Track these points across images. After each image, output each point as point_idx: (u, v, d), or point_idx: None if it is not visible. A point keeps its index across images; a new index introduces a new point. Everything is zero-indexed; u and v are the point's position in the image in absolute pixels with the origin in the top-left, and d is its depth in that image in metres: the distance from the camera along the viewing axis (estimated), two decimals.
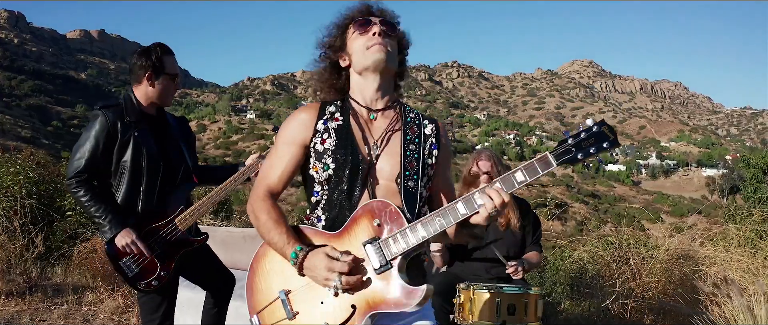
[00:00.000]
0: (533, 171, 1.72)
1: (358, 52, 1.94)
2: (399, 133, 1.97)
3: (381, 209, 1.81)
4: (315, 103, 2.01)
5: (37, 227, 6.02)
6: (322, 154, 1.91)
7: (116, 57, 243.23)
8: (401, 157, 1.92)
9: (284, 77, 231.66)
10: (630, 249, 5.75)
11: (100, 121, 2.84)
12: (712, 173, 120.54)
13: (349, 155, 1.89)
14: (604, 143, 1.66)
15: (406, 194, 1.89)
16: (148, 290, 2.92)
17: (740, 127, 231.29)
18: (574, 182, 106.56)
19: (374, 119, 1.98)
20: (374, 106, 1.99)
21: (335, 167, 1.89)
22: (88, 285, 5.47)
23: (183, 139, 3.13)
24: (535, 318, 3.11)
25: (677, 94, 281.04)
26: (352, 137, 1.92)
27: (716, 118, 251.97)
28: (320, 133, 1.93)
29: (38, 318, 4.74)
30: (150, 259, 2.87)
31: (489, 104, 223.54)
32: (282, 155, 1.95)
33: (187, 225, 2.96)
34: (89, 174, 2.85)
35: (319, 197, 1.93)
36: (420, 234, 1.76)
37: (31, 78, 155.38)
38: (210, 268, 3.32)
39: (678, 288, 5.31)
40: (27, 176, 6.49)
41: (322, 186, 1.92)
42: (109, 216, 2.80)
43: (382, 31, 1.93)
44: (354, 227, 1.83)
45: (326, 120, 1.95)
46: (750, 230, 5.78)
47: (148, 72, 2.92)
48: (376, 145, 1.93)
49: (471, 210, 1.76)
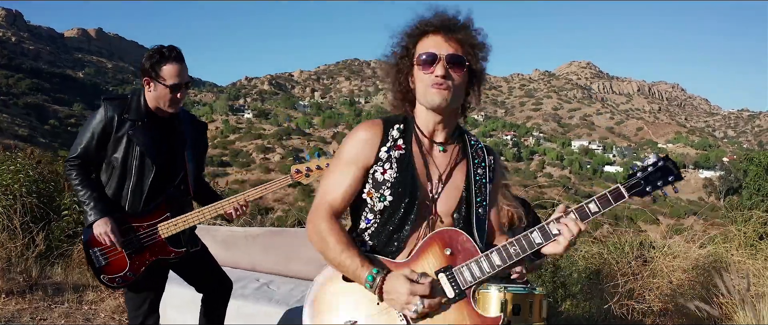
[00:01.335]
0: (606, 202, 1.81)
1: (421, 88, 1.85)
2: (463, 165, 1.93)
3: (453, 238, 1.80)
4: (378, 123, 1.92)
5: (38, 225, 6.00)
6: (381, 184, 1.85)
7: (114, 56, 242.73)
8: (464, 190, 1.90)
9: (282, 77, 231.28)
10: (632, 250, 5.76)
11: (100, 112, 2.90)
12: (710, 174, 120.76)
13: (409, 189, 1.84)
14: (670, 177, 1.80)
15: (477, 221, 1.88)
16: (111, 286, 2.94)
17: (737, 130, 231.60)
18: (571, 183, 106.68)
19: (438, 153, 1.92)
20: (436, 138, 1.92)
21: (393, 199, 1.84)
22: (88, 284, 5.46)
23: (192, 147, 3.09)
24: (539, 318, 3.11)
25: (675, 96, 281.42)
26: (414, 170, 1.87)
27: (713, 120, 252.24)
28: (382, 162, 1.86)
29: (39, 317, 4.73)
30: (120, 255, 2.87)
31: (486, 105, 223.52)
32: (345, 175, 1.87)
33: (169, 234, 2.92)
34: (82, 161, 2.91)
35: (369, 225, 1.89)
36: (495, 263, 1.77)
37: (28, 76, 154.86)
38: (205, 270, 3.30)
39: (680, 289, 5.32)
40: (27, 175, 6.47)
41: (375, 215, 1.87)
42: (92, 203, 2.83)
43: (446, 70, 1.80)
44: (424, 255, 1.80)
45: (389, 148, 1.87)
46: (751, 231, 5.79)
47: (145, 76, 2.92)
48: (440, 181, 1.89)
49: (546, 239, 1.78)
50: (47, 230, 6.10)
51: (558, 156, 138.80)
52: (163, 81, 2.87)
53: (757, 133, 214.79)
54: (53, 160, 8.10)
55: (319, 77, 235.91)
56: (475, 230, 1.87)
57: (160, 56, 2.89)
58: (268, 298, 4.12)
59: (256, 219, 8.40)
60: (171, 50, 2.90)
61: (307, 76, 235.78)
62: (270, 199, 72.15)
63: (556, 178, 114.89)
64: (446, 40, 1.83)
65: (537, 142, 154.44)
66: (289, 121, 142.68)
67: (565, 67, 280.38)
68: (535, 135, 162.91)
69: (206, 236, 4.51)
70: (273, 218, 9.63)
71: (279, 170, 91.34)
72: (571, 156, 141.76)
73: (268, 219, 9.19)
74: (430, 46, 1.82)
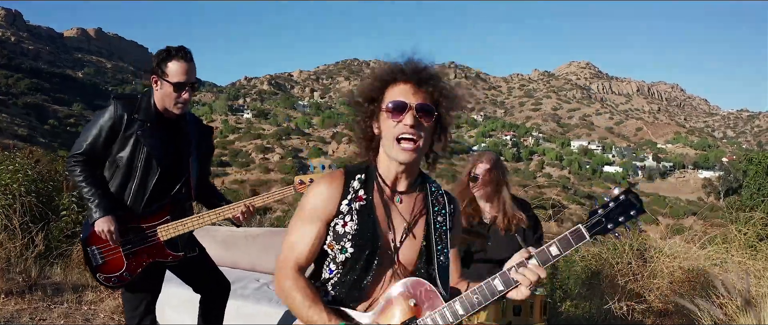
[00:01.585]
0: (567, 244, 1.77)
1: (387, 137, 1.84)
2: (424, 214, 1.95)
3: (416, 288, 1.81)
4: (339, 175, 1.92)
5: (37, 225, 5.99)
6: (342, 237, 1.86)
7: (113, 56, 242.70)
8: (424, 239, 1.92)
9: (281, 77, 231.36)
10: (632, 248, 5.76)
11: (109, 110, 2.88)
12: (709, 175, 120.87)
13: (370, 240, 1.85)
14: (632, 212, 1.76)
15: (440, 269, 1.90)
16: (106, 285, 2.94)
17: (737, 130, 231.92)
18: (570, 184, 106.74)
19: (399, 202, 1.93)
20: (398, 187, 1.93)
21: (354, 251, 1.85)
22: (87, 284, 5.44)
23: (197, 150, 3.09)
24: (539, 319, 3.12)
25: (674, 96, 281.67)
26: (375, 220, 1.88)
27: (713, 121, 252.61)
28: (343, 214, 1.87)
29: (38, 317, 4.72)
30: (117, 255, 2.87)
31: (486, 105, 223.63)
32: (308, 232, 1.88)
33: (167, 237, 2.91)
34: (87, 157, 2.89)
35: (332, 275, 1.91)
36: (458, 312, 1.78)
37: (27, 76, 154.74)
38: (202, 271, 3.29)
39: (680, 289, 5.31)
40: (26, 174, 6.45)
41: (338, 266, 1.89)
42: (97, 200, 2.82)
43: (415, 120, 1.79)
44: (390, 307, 1.81)
45: (350, 200, 1.88)
46: (752, 232, 5.79)
47: (153, 75, 2.91)
48: (402, 231, 1.91)
49: (508, 287, 1.79)
50: (46, 230, 6.09)
51: (557, 156, 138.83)
52: (167, 78, 2.86)
53: (756, 133, 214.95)
54: (53, 160, 8.09)
55: (318, 77, 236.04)
56: (438, 277, 1.88)
57: (167, 54, 2.89)
58: (268, 298, 4.11)
59: (255, 219, 8.40)
60: (179, 49, 2.90)
61: (306, 76, 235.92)
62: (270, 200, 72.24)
63: (556, 178, 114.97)
64: (416, 90, 1.82)
65: (536, 143, 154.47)
66: (289, 121, 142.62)
67: (564, 67, 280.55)
68: (534, 135, 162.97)
69: (206, 237, 4.51)
70: (272, 218, 9.63)
71: (278, 170, 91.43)
72: (571, 156, 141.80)
73: (268, 219, 9.19)
74: (399, 95, 1.81)
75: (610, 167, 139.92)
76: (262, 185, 79.43)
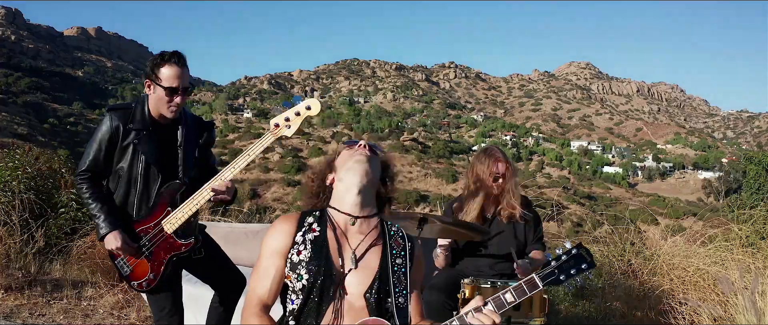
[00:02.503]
0: (522, 292, 1.92)
1: (342, 162, 2.13)
2: (378, 248, 2.06)
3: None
4: (295, 214, 2.12)
5: (37, 222, 5.99)
6: (296, 265, 1.99)
7: (113, 55, 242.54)
8: (378, 273, 2.02)
9: (281, 76, 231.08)
10: (632, 247, 5.75)
11: (105, 123, 2.94)
12: (709, 175, 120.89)
13: (323, 267, 1.97)
14: (583, 265, 1.93)
15: (398, 311, 2.00)
16: (141, 291, 3.01)
17: (736, 131, 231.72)
18: (570, 184, 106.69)
19: (353, 225, 2.08)
20: (354, 212, 2.09)
21: (308, 277, 1.97)
22: (87, 280, 5.45)
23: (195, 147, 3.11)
24: (540, 314, 3.11)
25: (674, 97, 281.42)
26: (327, 249, 2.02)
27: (713, 121, 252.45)
28: (297, 244, 2.02)
29: (37, 313, 4.72)
30: (141, 260, 2.93)
31: (486, 105, 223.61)
32: (269, 268, 2.02)
33: (173, 228, 2.92)
34: (92, 173, 2.95)
35: (294, 306, 2.00)
36: None
37: (27, 75, 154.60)
38: (216, 266, 3.31)
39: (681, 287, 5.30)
40: (25, 171, 6.46)
41: (297, 295, 1.99)
42: (102, 215, 2.89)
43: (368, 146, 2.17)
44: None
45: (304, 231, 2.05)
46: (752, 230, 5.78)
47: (147, 79, 2.95)
48: (352, 258, 2.02)
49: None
50: (46, 226, 6.09)
51: (557, 156, 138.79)
52: (160, 83, 2.89)
53: (756, 134, 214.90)
54: (50, 159, 8.08)
55: (318, 77, 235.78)
56: (397, 319, 1.98)
57: (160, 59, 2.92)
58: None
59: (255, 217, 8.41)
60: (173, 54, 2.92)
61: (306, 75, 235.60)
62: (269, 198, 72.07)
63: (556, 178, 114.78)
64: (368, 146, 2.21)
65: (536, 143, 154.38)
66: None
67: (564, 67, 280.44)
68: (534, 135, 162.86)
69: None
70: (272, 216, 9.64)
71: (278, 169, 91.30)
72: (571, 156, 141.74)
73: (267, 217, 9.20)
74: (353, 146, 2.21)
75: (609, 167, 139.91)
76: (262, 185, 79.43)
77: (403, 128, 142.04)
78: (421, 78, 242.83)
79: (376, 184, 2.15)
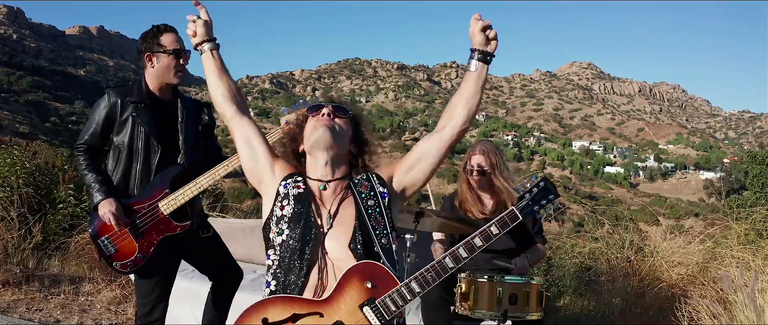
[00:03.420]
0: (504, 225, 2.08)
1: (308, 132, 2.10)
2: (350, 201, 2.06)
3: (371, 270, 1.89)
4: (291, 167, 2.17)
5: (35, 216, 5.98)
6: (279, 219, 2.02)
7: (115, 54, 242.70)
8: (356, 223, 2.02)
9: (283, 76, 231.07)
10: (633, 246, 5.73)
11: (104, 99, 2.99)
12: (710, 175, 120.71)
13: (304, 224, 1.99)
14: (550, 196, 2.17)
15: (385, 252, 2.00)
16: (124, 272, 2.99)
17: (738, 131, 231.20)
18: (571, 184, 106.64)
19: (324, 190, 2.08)
20: (325, 178, 2.09)
21: (289, 232, 1.99)
22: (85, 276, 5.44)
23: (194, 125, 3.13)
24: (536, 308, 3.08)
25: (676, 97, 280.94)
26: (308, 207, 2.03)
27: (714, 122, 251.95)
28: (280, 197, 2.06)
29: (34, 308, 4.71)
30: (128, 240, 2.88)
31: (487, 105, 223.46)
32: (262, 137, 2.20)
33: (170, 210, 2.91)
34: (89, 146, 2.98)
35: (272, 262, 2.01)
36: (415, 290, 1.91)
37: (29, 74, 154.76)
38: (215, 258, 3.29)
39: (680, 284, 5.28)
40: (24, 167, 6.45)
41: (275, 251, 2.01)
42: (97, 185, 2.89)
43: (331, 112, 2.11)
44: (344, 291, 1.88)
45: (289, 185, 2.08)
46: (752, 228, 5.75)
47: (146, 53, 2.99)
48: (328, 218, 2.03)
49: (458, 263, 1.99)
50: (44, 221, 6.08)
51: (559, 156, 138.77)
52: (165, 49, 2.97)
53: (758, 134, 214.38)
54: (51, 154, 8.08)
55: (320, 76, 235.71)
56: (385, 260, 1.98)
57: (156, 30, 3.01)
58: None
59: (253, 213, 8.39)
60: (167, 25, 3.04)
61: (308, 75, 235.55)
62: None
63: (557, 178, 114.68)
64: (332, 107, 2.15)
65: (538, 143, 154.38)
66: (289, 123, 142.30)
67: (566, 67, 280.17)
68: (536, 135, 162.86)
69: None
70: None
71: None
72: (572, 156, 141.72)
73: None
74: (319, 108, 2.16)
75: (611, 167, 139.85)
76: None
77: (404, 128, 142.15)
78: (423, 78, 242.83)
79: (345, 147, 2.13)
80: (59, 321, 4.50)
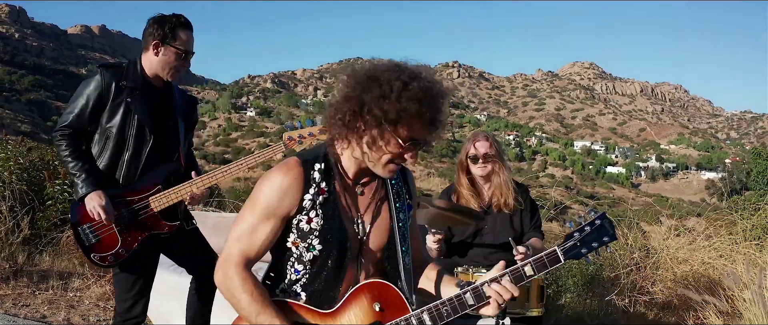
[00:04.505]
0: (543, 266, 1.77)
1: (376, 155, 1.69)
2: (385, 204, 1.86)
3: (382, 292, 1.72)
4: (295, 165, 1.73)
5: (24, 209, 5.87)
6: (307, 234, 1.73)
7: (117, 53, 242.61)
8: (390, 230, 1.83)
9: (285, 75, 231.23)
10: (635, 243, 5.62)
11: (96, 79, 2.74)
12: (712, 176, 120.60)
13: (338, 235, 1.74)
14: (605, 237, 1.80)
15: (405, 272, 1.82)
16: (102, 265, 2.80)
17: (740, 131, 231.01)
18: (573, 184, 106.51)
19: (361, 194, 1.82)
20: (361, 180, 1.83)
21: (322, 247, 1.73)
22: (74, 271, 5.34)
23: (185, 120, 2.98)
24: (536, 304, 2.96)
25: (677, 97, 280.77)
26: (340, 214, 1.75)
27: (716, 122, 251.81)
28: (306, 210, 1.72)
29: (21, 303, 4.59)
30: (111, 232, 2.72)
31: (489, 105, 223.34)
32: (264, 227, 1.70)
33: (161, 207, 2.77)
34: (74, 130, 2.75)
35: (300, 276, 1.76)
36: (426, 323, 1.72)
37: (31, 73, 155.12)
38: (196, 252, 3.15)
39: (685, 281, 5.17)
40: (17, 162, 6.36)
41: (305, 265, 1.75)
42: (83, 175, 2.68)
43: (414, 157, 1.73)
44: (351, 306, 1.71)
45: (314, 194, 1.72)
46: (757, 225, 5.64)
47: (155, 40, 2.78)
48: (366, 221, 1.82)
49: (479, 302, 1.74)
50: (33, 215, 5.97)
51: (560, 156, 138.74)
52: (178, 46, 2.79)
53: (760, 134, 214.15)
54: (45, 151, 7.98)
55: (321, 76, 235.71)
56: (404, 281, 1.80)
57: (177, 21, 2.81)
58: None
59: None
60: (185, 18, 2.86)
61: (309, 74, 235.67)
62: None
63: (559, 178, 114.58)
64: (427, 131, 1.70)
65: (539, 143, 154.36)
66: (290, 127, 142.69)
67: (568, 67, 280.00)
68: (537, 135, 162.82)
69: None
70: None
71: None
72: (574, 156, 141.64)
73: None
74: (418, 133, 1.67)
75: (613, 167, 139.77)
76: None
77: None
78: None
79: None
80: (45, 317, 4.38)
